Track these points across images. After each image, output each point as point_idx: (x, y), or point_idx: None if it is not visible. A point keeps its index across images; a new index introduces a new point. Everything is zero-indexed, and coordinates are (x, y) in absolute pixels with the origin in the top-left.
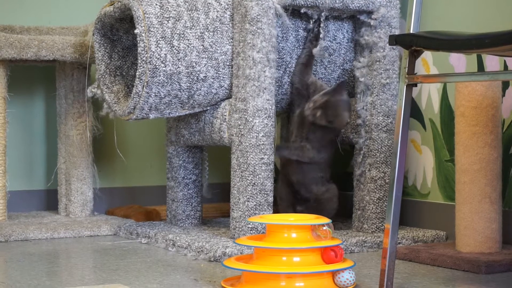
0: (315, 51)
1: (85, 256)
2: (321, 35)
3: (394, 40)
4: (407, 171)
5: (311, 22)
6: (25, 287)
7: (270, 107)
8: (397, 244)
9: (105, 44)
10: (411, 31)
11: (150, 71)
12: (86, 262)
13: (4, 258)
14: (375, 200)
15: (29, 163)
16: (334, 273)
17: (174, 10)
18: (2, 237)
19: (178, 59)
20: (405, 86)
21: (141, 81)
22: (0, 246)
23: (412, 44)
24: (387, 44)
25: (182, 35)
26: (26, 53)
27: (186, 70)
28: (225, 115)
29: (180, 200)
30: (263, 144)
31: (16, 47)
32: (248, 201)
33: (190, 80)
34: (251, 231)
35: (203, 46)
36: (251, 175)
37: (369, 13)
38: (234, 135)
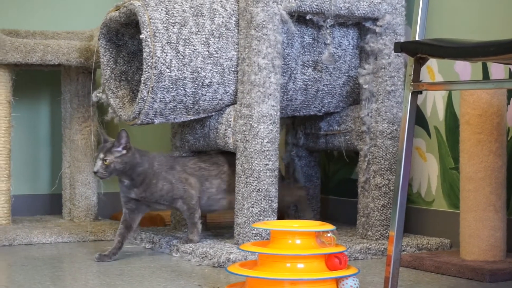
0: (323, 57)
1: (89, 261)
2: (327, 41)
3: (400, 47)
4: (412, 179)
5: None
6: None
7: (275, 113)
8: (401, 251)
9: (111, 49)
10: (417, 39)
11: (155, 76)
12: (90, 267)
13: (8, 262)
14: (379, 207)
15: (33, 167)
16: (338, 280)
17: (180, 16)
18: (6, 241)
19: (184, 65)
20: (410, 94)
21: (146, 86)
22: (4, 250)
23: (418, 51)
24: (392, 51)
25: (188, 41)
26: (31, 58)
27: (191, 76)
28: (230, 121)
29: None
30: (267, 150)
31: (22, 51)
32: (253, 207)
33: (195, 85)
34: (255, 237)
35: (208, 51)
36: (256, 181)
37: (375, 20)
38: (239, 141)
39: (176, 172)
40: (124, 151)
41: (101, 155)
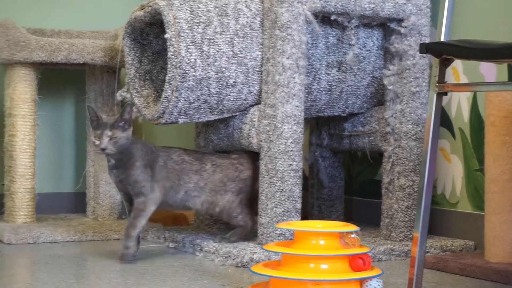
0: (347, 58)
1: (113, 259)
2: (352, 42)
3: (425, 48)
4: (436, 180)
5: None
6: None
7: (299, 114)
8: (426, 253)
9: (135, 48)
10: (442, 39)
11: (179, 76)
12: (114, 266)
13: (33, 260)
14: (403, 209)
15: (58, 166)
16: (361, 281)
17: (205, 16)
18: (30, 239)
19: (208, 64)
20: (435, 95)
21: (170, 85)
22: (29, 247)
23: (443, 52)
24: (417, 52)
25: (212, 41)
26: (56, 56)
27: (216, 76)
28: (254, 121)
29: None
30: (291, 150)
31: (47, 50)
32: (276, 207)
33: (220, 85)
34: (279, 237)
35: (232, 51)
36: (280, 181)
37: (400, 21)
38: (263, 141)
39: (157, 166)
40: (127, 126)
41: (108, 132)
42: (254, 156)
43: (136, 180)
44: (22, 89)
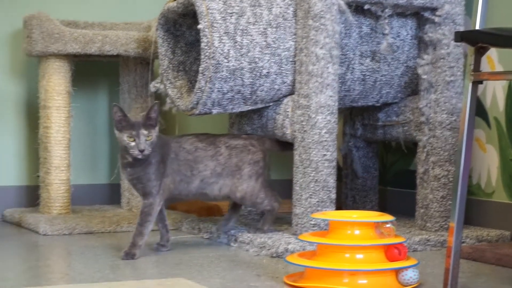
0: (381, 47)
1: (147, 250)
2: (386, 31)
3: (460, 36)
4: (471, 170)
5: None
6: (88, 279)
7: (333, 104)
8: (461, 243)
9: (168, 40)
10: (477, 28)
11: (213, 66)
12: (149, 256)
13: (68, 251)
14: (438, 199)
15: (92, 157)
16: (397, 271)
17: (237, 6)
18: (66, 230)
19: (241, 55)
20: (470, 84)
21: (204, 76)
22: (64, 238)
23: (478, 40)
24: (452, 41)
25: (245, 31)
26: (90, 48)
27: (249, 66)
28: (287, 111)
29: None
30: (325, 140)
31: (81, 42)
32: (311, 198)
33: (253, 76)
34: (314, 228)
35: (266, 42)
36: (314, 172)
37: (433, 10)
38: (297, 131)
39: (168, 159)
40: (155, 125)
41: (143, 131)
42: (262, 138)
43: (149, 178)
44: (57, 81)
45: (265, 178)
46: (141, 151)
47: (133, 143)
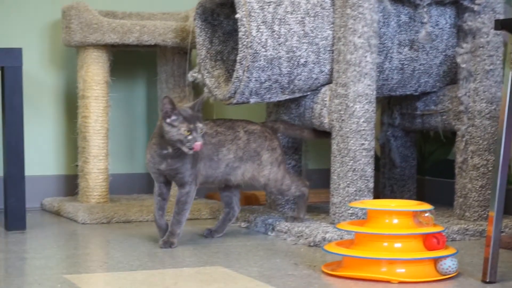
0: (419, 36)
1: (185, 239)
2: (424, 20)
3: (500, 24)
4: (511, 159)
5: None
6: (127, 268)
7: (371, 93)
8: (501, 232)
9: (206, 29)
10: None
11: (250, 55)
12: (187, 245)
13: (107, 239)
14: (477, 188)
15: (130, 147)
16: (436, 260)
17: None
18: (104, 219)
19: (279, 44)
20: (511, 72)
21: (241, 65)
22: (103, 227)
23: None
24: (491, 30)
25: (283, 20)
26: (128, 38)
27: (287, 55)
28: (325, 101)
29: None
30: (363, 129)
31: (119, 32)
32: (348, 187)
33: (291, 65)
34: (351, 217)
35: (303, 31)
36: (352, 161)
37: None
38: (335, 120)
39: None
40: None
41: (199, 124)
42: (275, 126)
43: (187, 168)
44: (95, 71)
45: (286, 164)
46: (198, 144)
47: (190, 137)
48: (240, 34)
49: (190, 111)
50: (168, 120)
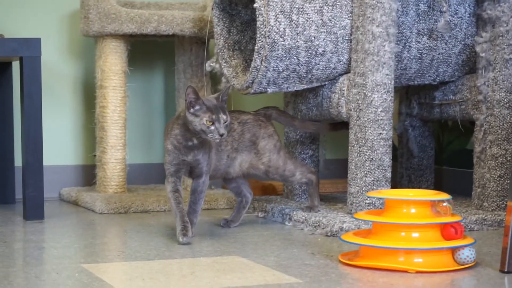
0: (438, 25)
1: (203, 229)
2: (443, 9)
3: None
4: None
5: None
6: (144, 257)
7: (389, 82)
8: None
9: (224, 19)
10: None
11: (268, 45)
12: (204, 235)
13: (124, 229)
14: (495, 178)
15: (148, 137)
16: (454, 250)
17: None
18: (122, 209)
19: (297, 33)
20: None
21: (259, 55)
22: (120, 217)
23: None
24: (511, 19)
25: (301, 9)
26: (146, 28)
27: (305, 45)
28: (343, 90)
29: None
30: (381, 119)
31: (137, 22)
32: (366, 177)
33: (309, 54)
34: (368, 207)
35: (322, 20)
36: (369, 150)
37: None
38: (352, 110)
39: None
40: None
41: (223, 116)
42: (268, 113)
43: (205, 158)
44: (113, 61)
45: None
46: (221, 135)
47: (212, 127)
48: (258, 23)
49: (215, 101)
50: (191, 110)
